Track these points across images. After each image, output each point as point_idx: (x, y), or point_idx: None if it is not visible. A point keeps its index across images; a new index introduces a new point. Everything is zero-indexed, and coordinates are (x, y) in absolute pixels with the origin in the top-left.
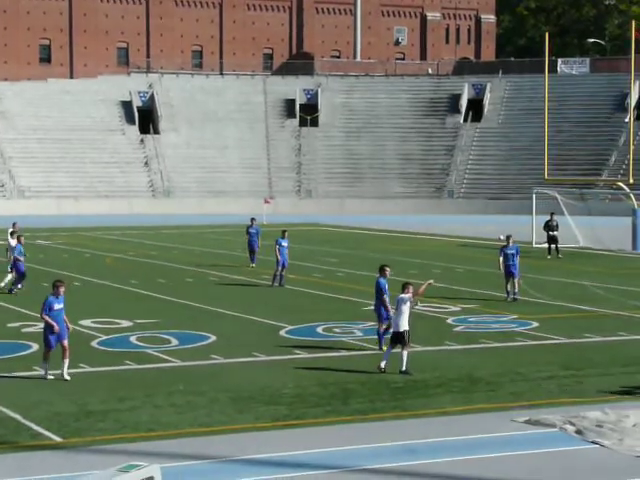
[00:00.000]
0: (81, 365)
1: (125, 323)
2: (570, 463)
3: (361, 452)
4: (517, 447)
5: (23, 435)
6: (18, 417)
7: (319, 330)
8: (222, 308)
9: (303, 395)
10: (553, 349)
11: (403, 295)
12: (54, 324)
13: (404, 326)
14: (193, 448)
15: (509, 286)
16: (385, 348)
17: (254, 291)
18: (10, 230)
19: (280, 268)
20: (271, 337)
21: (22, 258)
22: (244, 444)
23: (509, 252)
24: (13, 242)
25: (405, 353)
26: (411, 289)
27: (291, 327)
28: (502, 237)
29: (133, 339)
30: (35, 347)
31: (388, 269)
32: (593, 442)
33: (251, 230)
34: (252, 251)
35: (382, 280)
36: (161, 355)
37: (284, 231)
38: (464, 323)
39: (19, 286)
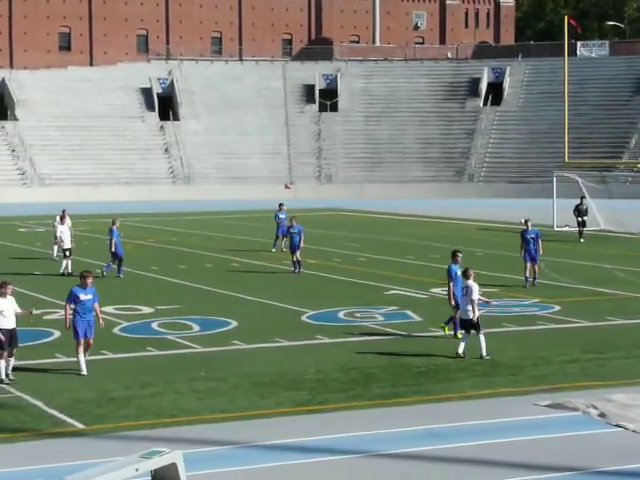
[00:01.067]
0: (103, 352)
1: (146, 309)
2: (594, 447)
3: (383, 437)
4: (540, 431)
5: (45, 422)
6: (40, 404)
7: (340, 315)
8: (243, 294)
9: (325, 380)
10: (575, 332)
11: (470, 282)
12: (67, 319)
13: (473, 312)
14: (215, 434)
15: (528, 272)
16: (460, 335)
17: (275, 276)
18: (59, 216)
19: (292, 255)
20: (292, 322)
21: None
22: (266, 429)
23: (528, 236)
24: (62, 228)
25: (482, 338)
26: (472, 274)
27: (312, 312)
28: (524, 221)
29: (154, 325)
30: (57, 334)
31: (460, 254)
32: (617, 425)
33: (280, 215)
34: (278, 236)
35: (453, 266)
36: (182, 341)
37: (292, 218)
38: (485, 307)
39: (120, 275)
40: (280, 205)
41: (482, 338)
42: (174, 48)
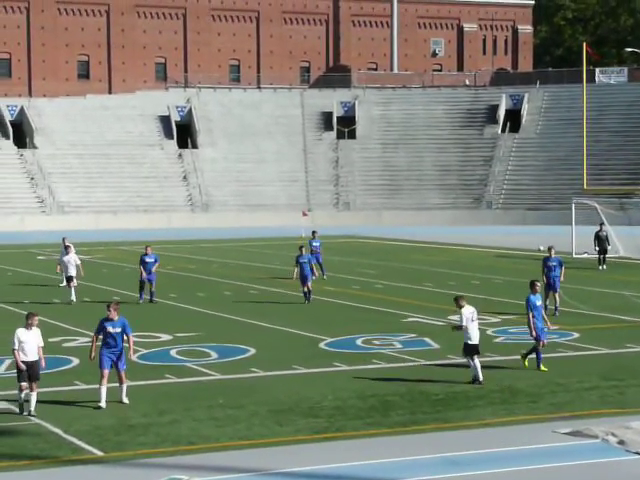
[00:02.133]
0: None
1: (165, 337)
2: (613, 474)
3: (402, 464)
4: (559, 458)
5: (64, 449)
6: (59, 431)
7: (358, 342)
8: (261, 321)
9: (343, 407)
10: (594, 360)
11: (469, 308)
12: (92, 351)
13: (476, 338)
14: (233, 461)
15: (548, 300)
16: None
17: (293, 304)
18: (65, 244)
19: (303, 284)
20: (310, 349)
21: (145, 268)
22: (284, 457)
23: (550, 264)
24: (66, 257)
25: (478, 362)
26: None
27: (330, 339)
28: (542, 248)
29: (173, 353)
30: (76, 362)
31: (538, 284)
32: (636, 453)
33: (314, 243)
34: (317, 263)
35: (532, 297)
36: (201, 368)
37: (301, 247)
38: (504, 334)
39: (154, 298)
40: (313, 233)
41: (478, 362)
42: (192, 76)
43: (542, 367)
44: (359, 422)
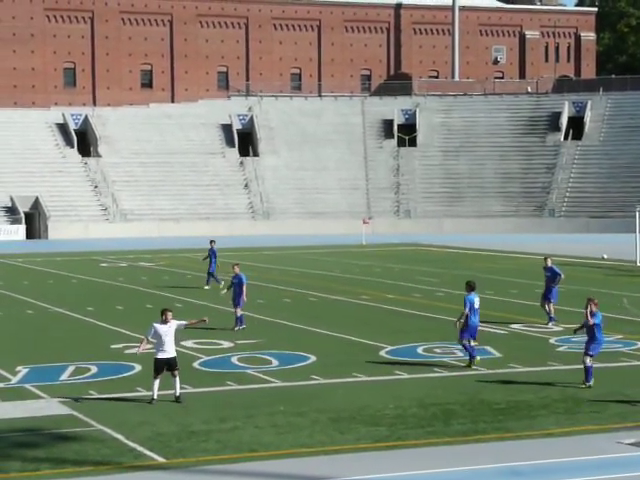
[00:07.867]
0: (183, 386)
1: (226, 344)
2: None
3: (463, 474)
4: (623, 469)
5: (127, 456)
6: (121, 438)
7: (419, 350)
8: (321, 328)
9: (404, 416)
10: None
11: (176, 321)
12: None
13: (174, 352)
14: (294, 469)
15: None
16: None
17: (353, 311)
18: None
19: (235, 308)
20: (371, 357)
21: None
22: (345, 465)
23: (547, 274)
24: None
25: (177, 380)
26: (169, 315)
27: (391, 347)
28: (605, 256)
29: (234, 360)
30: (138, 368)
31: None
32: None
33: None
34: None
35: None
36: (262, 376)
37: (234, 265)
38: (567, 343)
39: None
40: (211, 242)
41: (177, 380)
42: (254, 84)
43: None
44: (420, 431)
